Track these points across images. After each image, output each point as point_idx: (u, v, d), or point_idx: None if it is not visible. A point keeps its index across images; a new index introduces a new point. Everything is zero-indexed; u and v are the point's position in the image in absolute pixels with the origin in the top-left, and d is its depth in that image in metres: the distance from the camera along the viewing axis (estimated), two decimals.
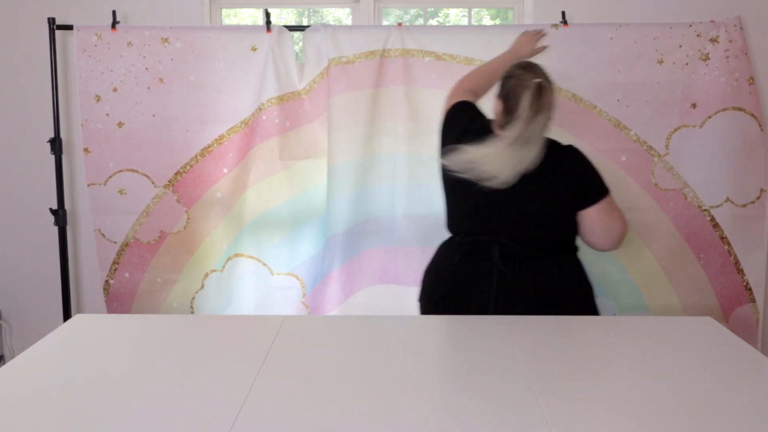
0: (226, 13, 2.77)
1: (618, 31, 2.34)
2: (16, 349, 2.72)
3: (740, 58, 2.33)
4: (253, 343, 1.39)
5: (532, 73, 1.66)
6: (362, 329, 1.49)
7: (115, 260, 2.45)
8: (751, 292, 2.42)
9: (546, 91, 1.63)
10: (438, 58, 2.35)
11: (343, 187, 2.38)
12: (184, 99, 2.38)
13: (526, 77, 1.64)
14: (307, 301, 2.49)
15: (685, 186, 2.39)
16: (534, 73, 1.66)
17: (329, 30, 2.33)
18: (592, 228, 1.73)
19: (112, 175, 2.41)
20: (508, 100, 1.67)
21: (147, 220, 2.43)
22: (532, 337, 1.43)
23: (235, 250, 2.47)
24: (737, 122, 2.35)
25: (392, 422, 1.06)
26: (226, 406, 1.11)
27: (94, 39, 2.34)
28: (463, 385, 1.19)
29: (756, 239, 2.40)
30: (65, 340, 1.42)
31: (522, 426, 1.05)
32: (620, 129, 2.37)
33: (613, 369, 1.27)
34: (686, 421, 1.07)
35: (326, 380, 1.22)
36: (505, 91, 1.68)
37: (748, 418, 1.08)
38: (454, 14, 2.81)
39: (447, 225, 1.86)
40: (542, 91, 1.61)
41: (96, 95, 2.36)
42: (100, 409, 1.10)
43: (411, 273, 2.45)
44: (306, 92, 2.39)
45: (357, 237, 2.42)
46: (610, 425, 1.05)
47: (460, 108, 1.86)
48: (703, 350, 1.37)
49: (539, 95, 1.61)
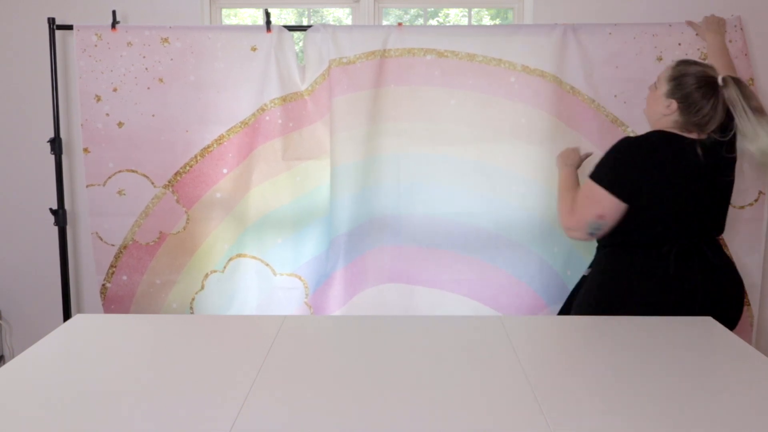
0: (226, 13, 2.77)
1: (617, 26, 2.33)
2: (16, 349, 2.72)
3: (740, 58, 2.33)
4: (253, 343, 1.39)
5: (709, 69, 1.73)
6: (362, 329, 1.49)
7: (112, 263, 2.44)
8: (746, 295, 2.42)
9: (743, 82, 1.71)
10: (440, 55, 2.35)
11: (347, 188, 2.38)
12: (184, 99, 2.38)
13: (707, 72, 1.72)
14: (310, 302, 2.49)
15: None
16: (710, 68, 1.74)
17: (329, 30, 2.33)
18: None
19: (112, 175, 2.41)
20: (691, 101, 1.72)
21: (146, 221, 2.43)
22: (532, 337, 1.43)
23: (237, 251, 2.47)
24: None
25: (392, 422, 1.06)
26: (226, 406, 1.11)
27: (94, 39, 2.34)
28: (462, 385, 1.19)
29: (753, 242, 2.40)
30: (65, 340, 1.42)
31: (522, 426, 1.05)
32: (618, 125, 2.37)
33: (613, 369, 1.27)
34: (686, 421, 1.07)
35: (326, 380, 1.22)
36: (686, 90, 1.72)
37: (748, 418, 1.08)
38: (454, 14, 2.81)
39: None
40: (740, 81, 1.70)
41: (96, 95, 2.36)
42: (100, 409, 1.10)
43: (415, 273, 2.46)
44: (308, 93, 2.39)
45: (360, 237, 2.43)
46: (610, 425, 1.05)
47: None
48: (703, 350, 1.37)
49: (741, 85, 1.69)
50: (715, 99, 1.70)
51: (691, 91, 1.72)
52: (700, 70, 1.74)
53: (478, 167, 2.38)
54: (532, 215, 2.40)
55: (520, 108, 2.35)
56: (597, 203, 1.70)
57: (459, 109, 2.37)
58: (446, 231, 2.42)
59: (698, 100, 1.71)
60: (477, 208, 2.40)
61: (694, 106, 1.71)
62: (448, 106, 2.37)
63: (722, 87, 1.70)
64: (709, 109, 1.70)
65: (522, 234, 2.41)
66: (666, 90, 1.76)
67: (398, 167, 2.41)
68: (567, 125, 2.35)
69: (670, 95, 1.75)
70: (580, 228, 1.72)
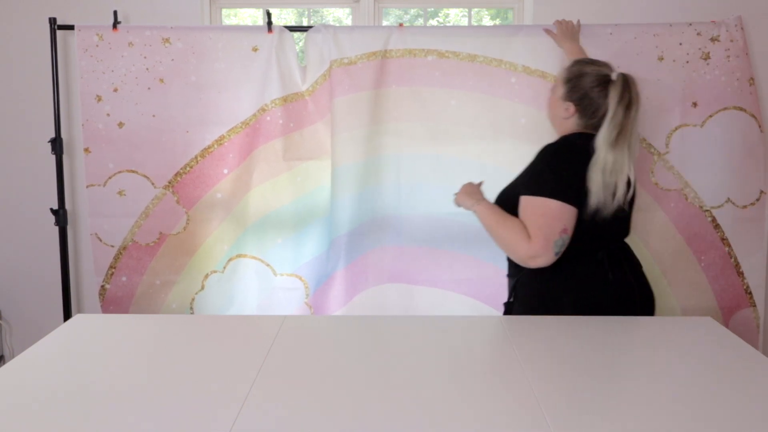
0: (226, 13, 2.78)
1: (617, 26, 2.33)
2: (16, 349, 2.72)
3: (741, 58, 2.33)
4: (253, 343, 1.39)
5: (605, 67, 1.66)
6: (362, 329, 1.49)
7: (111, 264, 2.44)
8: (751, 296, 2.41)
9: (631, 83, 1.62)
10: (441, 56, 2.35)
11: (348, 188, 2.38)
12: (185, 99, 2.38)
13: (603, 71, 1.65)
14: (311, 302, 2.49)
15: (685, 186, 2.39)
16: (605, 66, 1.66)
17: (330, 31, 2.33)
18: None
19: (112, 176, 2.41)
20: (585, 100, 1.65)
21: (146, 221, 2.43)
22: (532, 337, 1.43)
23: (237, 251, 2.47)
24: (738, 122, 2.35)
25: (392, 422, 1.06)
26: (226, 406, 1.11)
27: (95, 39, 2.34)
28: (462, 385, 1.19)
29: (756, 242, 2.39)
30: (65, 340, 1.42)
31: (522, 426, 1.05)
32: None
33: (614, 369, 1.27)
34: (687, 421, 1.06)
35: (326, 380, 1.22)
36: (582, 91, 1.66)
37: (748, 418, 1.07)
38: (454, 14, 2.81)
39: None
40: (628, 83, 1.61)
41: (97, 95, 2.36)
42: (100, 409, 1.10)
43: (415, 273, 2.46)
44: (309, 93, 2.39)
45: (361, 237, 2.43)
46: (611, 425, 1.05)
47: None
48: (704, 350, 1.36)
49: (626, 88, 1.59)
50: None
51: (587, 91, 1.65)
52: (596, 69, 1.66)
53: (478, 167, 2.38)
54: None
55: (521, 108, 2.35)
56: (557, 218, 1.56)
57: (460, 110, 2.37)
58: (446, 231, 2.42)
59: (595, 99, 1.64)
60: None
61: (591, 107, 1.65)
62: (449, 107, 2.37)
63: (612, 83, 1.62)
64: (604, 108, 1.62)
65: None
66: (563, 93, 1.69)
67: (399, 167, 2.41)
68: None
69: (567, 98, 1.68)
70: (547, 251, 1.55)
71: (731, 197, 2.38)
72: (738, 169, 2.37)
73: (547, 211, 1.56)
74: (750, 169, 2.37)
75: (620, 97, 1.59)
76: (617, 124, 1.58)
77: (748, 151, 2.36)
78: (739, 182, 2.37)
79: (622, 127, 1.58)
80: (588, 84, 1.65)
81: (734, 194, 2.38)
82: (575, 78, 1.68)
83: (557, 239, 1.56)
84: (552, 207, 1.56)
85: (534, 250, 1.56)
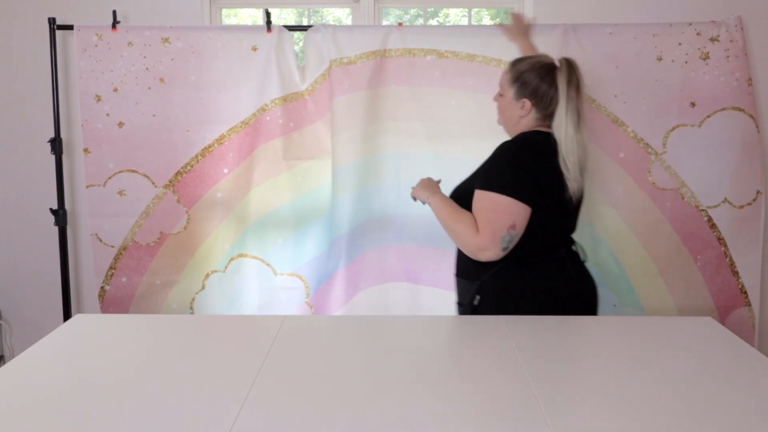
0: (226, 13, 2.78)
1: (617, 26, 2.33)
2: (16, 349, 2.72)
3: (740, 58, 2.33)
4: (253, 343, 1.39)
5: (544, 57, 1.70)
6: (362, 329, 1.49)
7: (111, 265, 2.44)
8: (746, 296, 2.41)
9: (575, 66, 1.65)
10: (440, 55, 2.35)
11: (348, 188, 2.38)
12: (185, 99, 2.38)
13: (544, 60, 1.69)
14: (311, 302, 2.49)
15: (682, 185, 2.39)
16: (544, 56, 1.71)
17: (330, 30, 2.33)
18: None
19: (112, 175, 2.41)
20: (538, 92, 1.68)
21: (146, 221, 2.43)
22: (532, 337, 1.43)
23: (238, 251, 2.47)
24: (736, 122, 2.35)
25: (392, 422, 1.06)
26: (226, 406, 1.11)
27: (95, 39, 2.34)
28: (462, 385, 1.20)
29: (752, 241, 2.40)
30: (65, 340, 1.42)
31: (522, 426, 1.05)
32: (618, 125, 2.37)
33: (614, 369, 1.27)
34: (686, 421, 1.07)
35: (326, 380, 1.22)
36: (532, 85, 1.69)
37: (748, 418, 1.08)
38: (454, 14, 2.81)
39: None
40: (572, 66, 1.64)
41: (96, 95, 2.36)
42: (100, 409, 1.10)
43: (415, 272, 2.46)
44: (309, 93, 2.39)
45: (361, 237, 2.43)
46: (611, 425, 1.05)
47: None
48: (704, 350, 1.37)
49: (572, 71, 1.63)
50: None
51: (537, 84, 1.68)
52: (536, 61, 1.71)
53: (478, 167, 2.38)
54: None
55: None
56: (507, 214, 1.57)
57: (459, 110, 2.37)
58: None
59: (546, 89, 1.67)
60: None
61: (545, 97, 1.68)
62: (449, 107, 2.37)
63: (558, 69, 1.67)
64: (556, 95, 1.66)
65: None
66: (513, 93, 1.72)
67: (399, 167, 2.41)
68: None
69: (519, 96, 1.71)
70: (494, 245, 1.57)
71: (728, 197, 2.38)
72: (735, 169, 2.37)
73: (498, 206, 1.58)
74: (747, 169, 2.37)
75: (569, 81, 1.63)
76: (573, 107, 1.63)
77: (746, 152, 2.36)
78: (736, 182, 2.37)
79: (578, 109, 1.64)
80: (535, 76, 1.69)
81: (731, 194, 2.38)
82: (521, 75, 1.71)
83: (505, 234, 1.57)
84: (502, 202, 1.58)
85: (482, 243, 1.58)
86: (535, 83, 1.68)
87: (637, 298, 2.42)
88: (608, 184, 2.39)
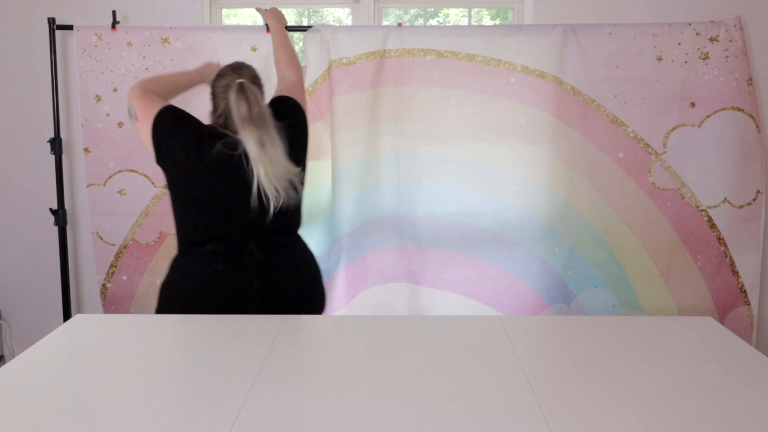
0: (226, 13, 2.78)
1: (616, 26, 2.33)
2: (16, 349, 2.72)
3: (740, 58, 2.33)
4: (253, 343, 1.39)
5: (238, 74, 1.79)
6: (363, 329, 1.49)
7: (112, 263, 2.45)
8: (746, 295, 2.42)
9: (247, 89, 1.72)
10: (440, 55, 2.35)
11: (348, 188, 2.38)
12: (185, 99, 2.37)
13: (231, 77, 1.78)
14: None
15: (682, 186, 2.39)
16: (240, 74, 1.79)
17: (329, 31, 2.33)
18: None
19: (112, 175, 2.41)
20: (216, 98, 1.82)
21: (146, 220, 2.43)
22: (532, 337, 1.43)
23: None
24: (736, 122, 2.35)
25: (392, 422, 1.06)
26: (226, 406, 1.11)
27: (94, 39, 2.34)
28: (462, 385, 1.20)
29: (752, 241, 2.40)
30: (65, 340, 1.42)
31: (522, 426, 1.05)
32: (618, 125, 2.37)
33: (614, 369, 1.27)
34: (687, 421, 1.07)
35: (326, 380, 1.22)
36: (215, 90, 1.82)
37: (748, 418, 1.08)
38: (454, 14, 2.81)
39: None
40: (243, 89, 1.72)
41: (96, 95, 2.37)
42: (101, 409, 1.10)
43: (415, 272, 2.46)
44: (309, 93, 2.39)
45: (362, 237, 2.43)
46: (611, 425, 1.05)
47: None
48: (704, 350, 1.37)
49: (240, 92, 1.71)
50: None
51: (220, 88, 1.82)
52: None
53: (478, 167, 2.38)
54: (533, 215, 2.40)
55: (520, 108, 2.35)
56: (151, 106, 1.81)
57: (459, 110, 2.37)
58: (447, 231, 2.42)
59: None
60: (477, 208, 2.40)
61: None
62: (449, 107, 2.37)
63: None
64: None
65: (522, 234, 2.41)
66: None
67: (399, 167, 2.41)
68: (567, 125, 2.35)
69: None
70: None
71: (728, 197, 2.38)
72: (735, 169, 2.37)
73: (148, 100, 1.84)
74: (747, 169, 2.37)
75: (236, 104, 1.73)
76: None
77: (746, 152, 2.36)
78: (736, 182, 2.37)
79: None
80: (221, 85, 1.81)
81: (731, 194, 2.38)
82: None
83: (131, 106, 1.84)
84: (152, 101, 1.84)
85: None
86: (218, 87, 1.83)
87: (636, 298, 2.42)
88: (608, 184, 2.39)
